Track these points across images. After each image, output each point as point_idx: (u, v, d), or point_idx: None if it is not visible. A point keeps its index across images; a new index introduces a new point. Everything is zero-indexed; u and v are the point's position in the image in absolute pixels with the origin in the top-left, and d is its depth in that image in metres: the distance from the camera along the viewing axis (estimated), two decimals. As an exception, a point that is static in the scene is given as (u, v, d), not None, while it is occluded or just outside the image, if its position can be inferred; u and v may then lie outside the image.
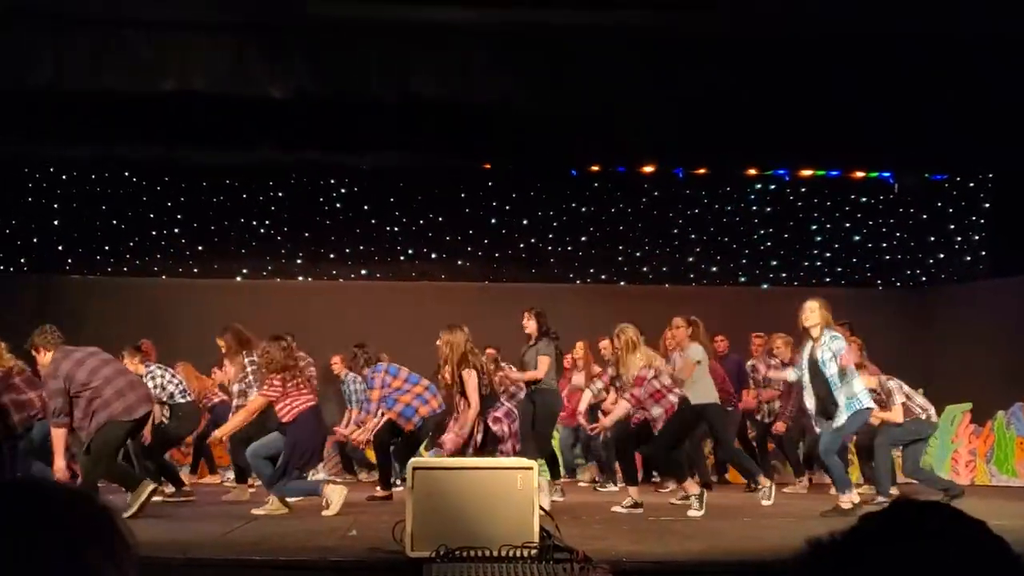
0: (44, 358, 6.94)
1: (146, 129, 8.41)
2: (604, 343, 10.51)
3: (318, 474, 10.92)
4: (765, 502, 7.86)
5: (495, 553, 4.22)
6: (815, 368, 7.18)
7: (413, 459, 5.10)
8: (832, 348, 7.06)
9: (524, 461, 4.95)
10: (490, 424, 7.87)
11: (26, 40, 7.06)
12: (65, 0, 7.01)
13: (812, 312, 7.14)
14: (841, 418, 7.07)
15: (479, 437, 7.75)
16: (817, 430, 7.48)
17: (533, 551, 4.32)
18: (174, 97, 7.42)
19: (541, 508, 4.63)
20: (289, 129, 8.44)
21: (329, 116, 8.22)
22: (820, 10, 7.20)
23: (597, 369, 10.21)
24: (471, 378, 7.80)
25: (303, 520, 6.61)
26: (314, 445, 7.36)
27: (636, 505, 7.39)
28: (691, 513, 7.04)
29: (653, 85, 7.74)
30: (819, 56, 7.60)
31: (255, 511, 7.03)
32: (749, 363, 10.36)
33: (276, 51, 7.35)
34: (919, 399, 8.33)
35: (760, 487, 8.18)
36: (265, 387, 7.29)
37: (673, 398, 7.43)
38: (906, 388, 8.30)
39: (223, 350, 8.53)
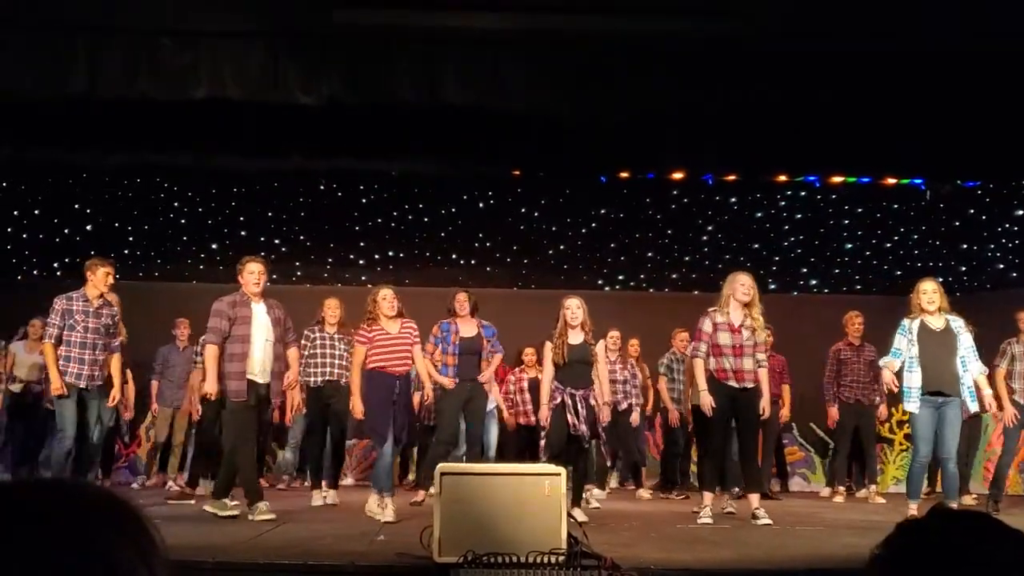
0: None
1: (179, 136, 8.50)
2: (633, 341, 10.60)
3: (346, 479, 10.96)
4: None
5: (523, 559, 4.22)
6: (938, 339, 7.32)
7: (441, 464, 5.10)
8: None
9: (552, 467, 4.94)
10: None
11: (63, 49, 7.16)
12: (101, 9, 7.09)
13: (938, 293, 7.37)
14: (965, 396, 7.29)
15: (584, 411, 7.59)
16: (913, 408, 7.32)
17: (561, 558, 4.31)
18: (207, 104, 7.49)
19: (569, 515, 4.62)
20: (320, 136, 8.50)
21: (359, 123, 8.27)
22: (852, 21, 7.16)
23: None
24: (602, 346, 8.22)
25: (332, 524, 6.65)
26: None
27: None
28: (761, 522, 7.04)
29: (683, 91, 7.71)
30: (850, 64, 7.56)
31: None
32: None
33: (308, 59, 7.40)
34: None
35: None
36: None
37: None
38: None
39: None
